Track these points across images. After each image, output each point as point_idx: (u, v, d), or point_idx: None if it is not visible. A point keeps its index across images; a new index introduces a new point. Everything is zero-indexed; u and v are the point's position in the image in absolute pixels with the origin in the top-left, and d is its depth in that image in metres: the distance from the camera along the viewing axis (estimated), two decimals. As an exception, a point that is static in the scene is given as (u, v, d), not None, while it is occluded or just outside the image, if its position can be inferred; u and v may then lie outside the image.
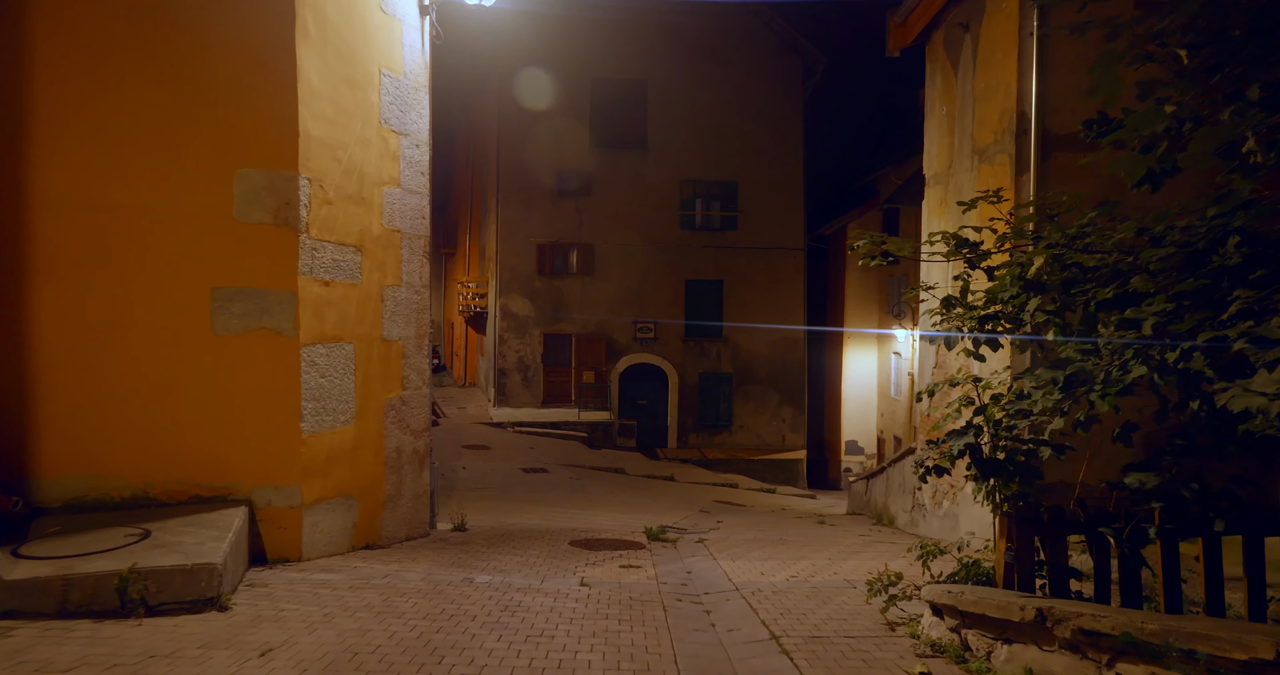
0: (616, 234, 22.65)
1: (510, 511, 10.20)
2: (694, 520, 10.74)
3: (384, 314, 6.56)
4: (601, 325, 22.79)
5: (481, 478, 14.56)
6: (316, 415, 5.85)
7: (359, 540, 6.34)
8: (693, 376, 23.04)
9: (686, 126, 22.89)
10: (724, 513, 12.91)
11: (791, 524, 10.59)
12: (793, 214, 23.27)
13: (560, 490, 13.81)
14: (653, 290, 22.86)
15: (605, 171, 22.70)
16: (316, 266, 5.84)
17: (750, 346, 23.24)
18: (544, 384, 22.76)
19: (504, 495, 12.77)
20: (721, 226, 23.16)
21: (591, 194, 22.64)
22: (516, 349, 22.74)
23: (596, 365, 22.80)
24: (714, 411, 23.12)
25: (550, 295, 22.74)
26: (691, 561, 6.51)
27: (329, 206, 5.95)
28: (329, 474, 5.98)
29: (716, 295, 23.14)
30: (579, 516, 10.12)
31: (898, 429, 25.66)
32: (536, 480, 14.79)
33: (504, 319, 22.70)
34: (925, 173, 8.74)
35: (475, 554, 6.43)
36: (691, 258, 22.96)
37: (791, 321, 23.26)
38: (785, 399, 23.40)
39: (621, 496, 13.82)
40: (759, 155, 23.10)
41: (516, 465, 16.26)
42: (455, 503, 11.00)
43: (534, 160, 22.49)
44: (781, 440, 23.38)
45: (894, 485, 10.31)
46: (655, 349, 22.93)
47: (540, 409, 22.45)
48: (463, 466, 15.57)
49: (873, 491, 12.57)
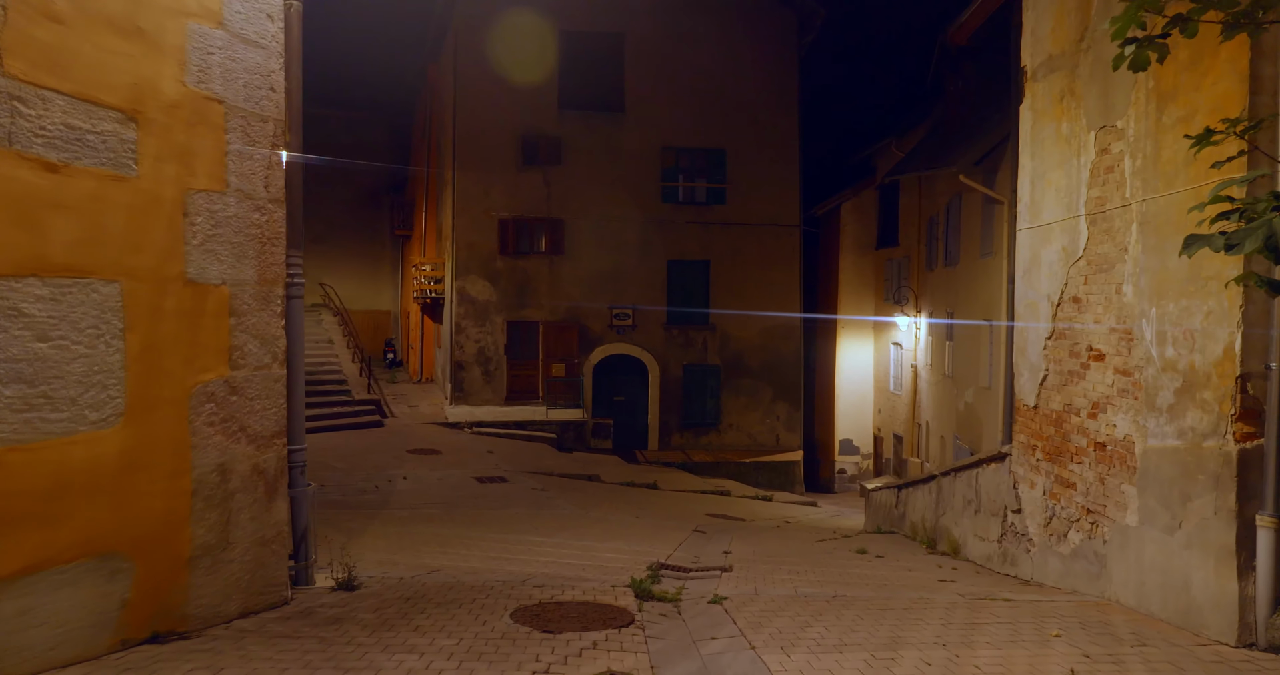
0: (589, 208, 19.97)
1: (446, 544, 7.50)
2: (693, 549, 8.13)
3: (188, 237, 3.84)
4: (573, 311, 20.11)
5: (423, 491, 11.82)
6: (19, 410, 3.14)
7: (134, 628, 3.62)
8: (676, 369, 20.44)
9: (668, 87, 20.28)
10: (725, 532, 10.31)
11: (821, 554, 8.02)
12: (787, 186, 20.75)
13: (519, 506, 11.12)
14: (631, 272, 20.22)
15: (576, 137, 20.01)
16: (20, 133, 3.12)
17: (741, 335, 20.69)
18: (507, 378, 20.03)
19: (446, 515, 10.05)
20: (708, 200, 20.58)
21: (561, 163, 19.94)
22: (476, 339, 19.98)
23: (567, 357, 20.12)
24: (700, 408, 20.54)
25: (514, 277, 20.01)
26: (715, 655, 3.86)
27: (56, 27, 3.24)
28: (56, 519, 3.26)
29: (702, 277, 20.55)
30: (538, 549, 7.45)
31: (897, 426, 23.33)
32: (492, 493, 12.09)
33: (461, 305, 19.93)
34: (1025, 62, 6.20)
35: (341, 655, 3.73)
36: (674, 235, 20.35)
37: (787, 306, 20.75)
38: (779, 394, 20.88)
39: (597, 512, 11.17)
40: (750, 120, 20.55)
41: (470, 473, 13.54)
42: (377, 528, 8.28)
43: (495, 124, 19.75)
44: (775, 440, 20.87)
45: (958, 501, 7.78)
46: (634, 338, 20.29)
47: (503, 407, 19.73)
48: (403, 476, 12.82)
49: (910, 505, 10.03)
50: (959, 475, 7.82)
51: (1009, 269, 13.41)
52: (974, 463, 7.23)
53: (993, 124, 13.89)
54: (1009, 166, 13.72)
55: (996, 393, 13.67)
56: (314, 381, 18.88)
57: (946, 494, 8.25)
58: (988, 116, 14.65)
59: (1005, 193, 13.05)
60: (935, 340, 19.48)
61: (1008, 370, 6.27)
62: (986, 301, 14.66)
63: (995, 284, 13.86)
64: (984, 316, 14.93)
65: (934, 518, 8.73)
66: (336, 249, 30.40)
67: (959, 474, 7.83)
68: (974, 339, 15.73)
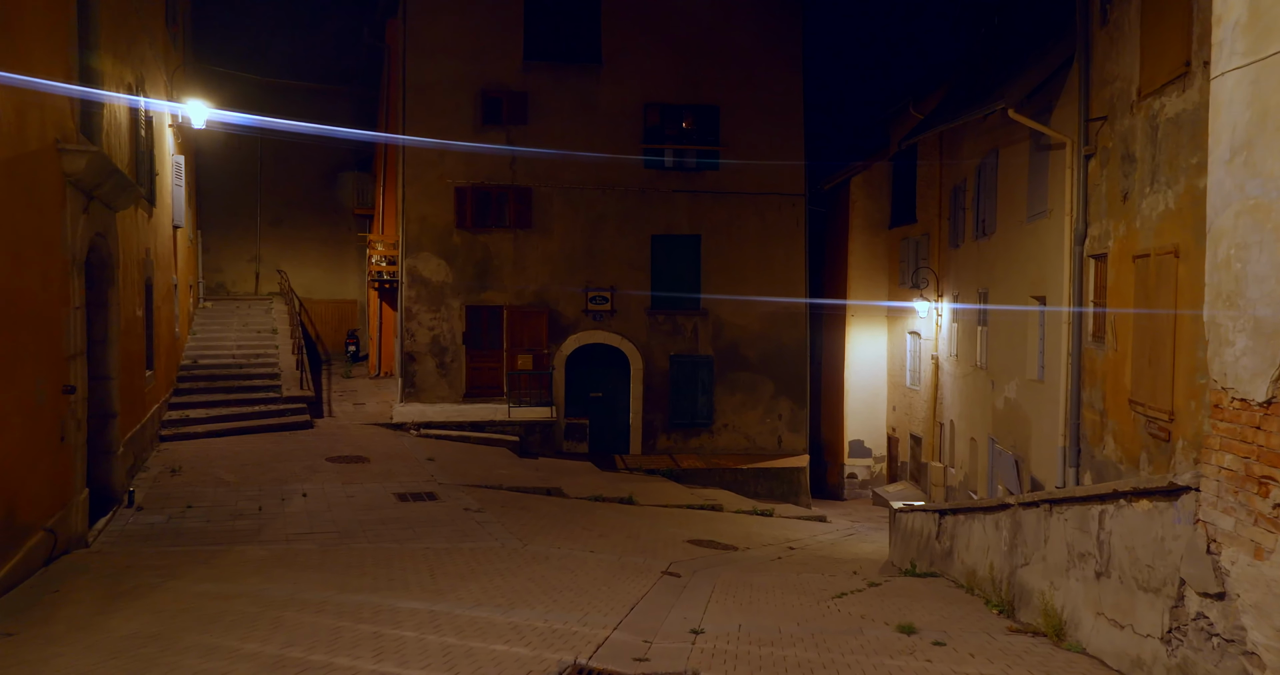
0: (560, 174, 17.22)
1: (241, 625, 4.77)
2: (648, 620, 5.38)
3: None
4: (542, 294, 17.37)
5: (317, 515, 9.08)
6: None
7: None
8: (662, 361, 17.68)
9: (652, 35, 17.51)
10: (707, 574, 7.57)
11: (844, 634, 5.27)
12: (790, 150, 17.95)
13: (434, 537, 8.37)
14: (609, 248, 17.47)
15: (545, 93, 17.26)
16: None
17: (737, 321, 17.91)
18: (466, 372, 17.29)
19: (321, 554, 7.32)
20: (698, 166, 17.80)
21: (527, 122, 17.19)
22: (429, 326, 17.24)
23: (535, 347, 17.37)
24: (690, 406, 17.78)
25: (474, 255, 17.26)
26: None
27: None
28: None
29: (692, 255, 17.78)
30: (385, 640, 4.71)
31: (915, 426, 20.57)
32: (409, 516, 9.34)
33: (412, 287, 17.19)
34: None
35: None
36: (660, 206, 17.59)
37: (790, 288, 17.97)
38: (782, 389, 18.11)
39: (538, 545, 8.42)
40: (746, 74, 17.77)
41: (393, 488, 10.80)
42: (179, 586, 5.56)
43: (451, 77, 17.01)
44: (777, 442, 18.11)
45: (1057, 551, 5.02)
46: (613, 325, 17.54)
47: (461, 405, 16.99)
48: (303, 493, 10.09)
49: (962, 540, 7.27)
50: (1059, 511, 5.05)
51: (1076, 226, 10.64)
52: (1097, 495, 4.45)
53: (1046, 49, 11.11)
54: (1072, 99, 10.97)
55: (1053, 387, 10.91)
56: (238, 376, 16.21)
57: (1032, 535, 5.48)
58: (1039, 42, 11.85)
59: (1068, 130, 10.27)
60: (963, 327, 16.69)
61: (1209, 334, 3.47)
62: (1035, 275, 11.89)
63: (1049, 251, 11.09)
64: (1031, 293, 12.16)
65: (1006, 566, 5.97)
66: (297, 233, 27.64)
67: (1058, 508, 5.06)
68: (1016, 323, 12.95)
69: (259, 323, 20.57)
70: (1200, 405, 6.83)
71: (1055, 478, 10.61)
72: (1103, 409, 9.19)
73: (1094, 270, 9.83)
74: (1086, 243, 9.85)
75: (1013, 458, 12.89)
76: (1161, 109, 7.83)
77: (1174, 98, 7.57)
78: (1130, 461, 8.31)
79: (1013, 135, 13.34)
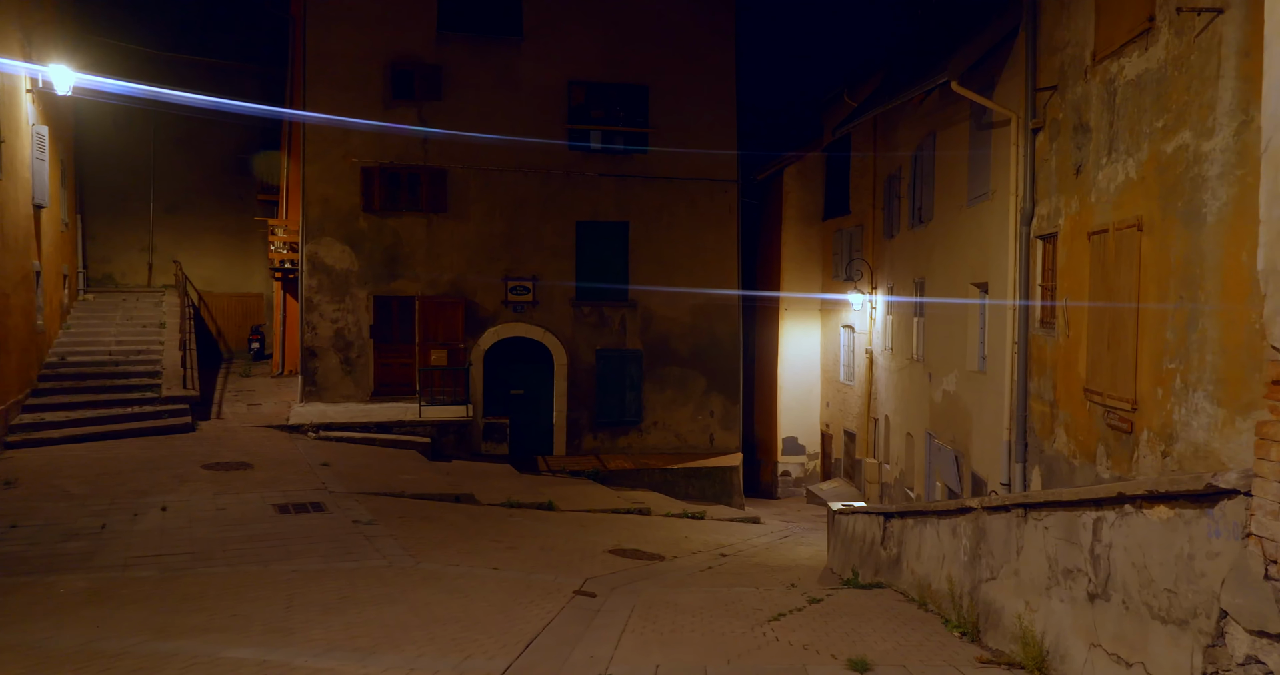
0: (478, 155, 16.00)
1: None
2: (546, 660, 4.35)
3: None
4: (458, 284, 16.12)
5: (172, 533, 7.75)
6: None
7: None
8: (588, 355, 16.64)
9: (579, 8, 16.45)
10: (625, 592, 6.57)
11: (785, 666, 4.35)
12: (723, 133, 17.12)
13: (309, 556, 7.15)
14: (530, 235, 16.34)
15: (461, 67, 16.02)
16: None
17: (667, 313, 16.99)
18: (374, 369, 15.91)
19: (161, 582, 6.04)
20: (626, 148, 16.81)
21: (441, 98, 15.91)
22: (333, 318, 15.81)
23: (451, 341, 16.11)
24: (618, 403, 16.78)
25: (383, 241, 15.90)
26: None
27: None
28: None
29: (620, 243, 16.78)
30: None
31: (849, 421, 20.07)
32: (285, 531, 8.07)
33: (313, 275, 15.72)
34: None
35: None
36: (585, 190, 16.54)
37: (722, 279, 17.14)
38: (714, 385, 17.27)
39: (433, 562, 7.28)
40: (677, 52, 16.86)
41: (274, 498, 9.48)
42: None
43: (357, 47, 15.61)
44: (710, 441, 17.26)
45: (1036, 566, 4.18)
46: (535, 318, 16.42)
47: (368, 404, 15.61)
48: (162, 506, 8.70)
49: (912, 547, 6.46)
50: (1037, 516, 4.20)
51: (1022, 206, 9.99)
52: (1092, 498, 3.59)
53: (989, 23, 10.49)
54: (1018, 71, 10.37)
55: (996, 379, 10.28)
56: (113, 374, 14.51)
57: (1001, 545, 4.64)
58: (982, 17, 11.25)
59: (1012, 104, 9.62)
60: (898, 319, 16.13)
61: (1265, 286, 2.60)
62: (977, 262, 11.28)
63: (992, 235, 10.48)
64: (972, 280, 11.55)
65: (967, 580, 5.13)
66: (197, 221, 25.53)
67: (1036, 514, 4.22)
68: (956, 312, 12.36)
69: (145, 316, 18.72)
70: (1169, 392, 6.16)
71: (1000, 474, 9.98)
72: (1053, 399, 8.54)
73: (1042, 252, 9.20)
74: (1034, 223, 9.22)
75: (953, 453, 12.30)
76: (1120, 72, 7.17)
77: (1135, 58, 6.91)
78: (1085, 455, 7.66)
79: (952, 117, 12.75)
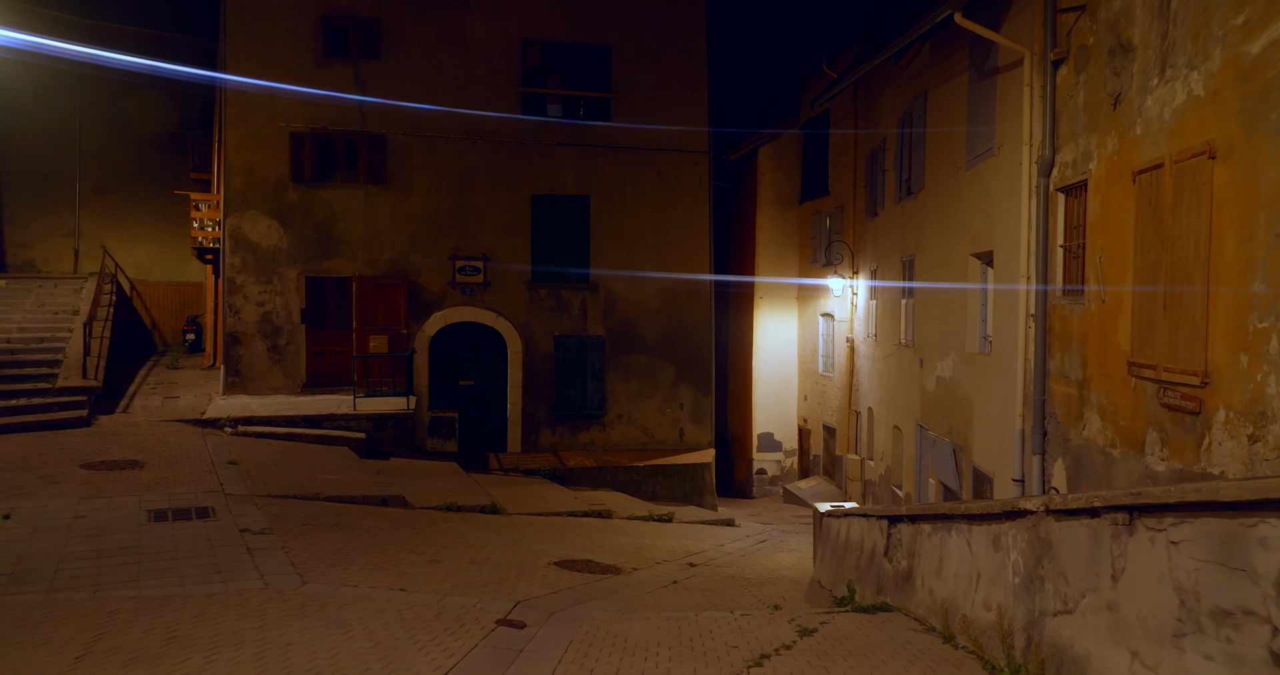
0: (422, 121, 14.42)
1: None
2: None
3: None
4: (401, 263, 14.53)
5: (2, 547, 6.14)
6: None
7: None
8: (545, 342, 15.12)
9: (532, -39, 14.96)
10: (567, 618, 5.09)
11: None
12: (693, 99, 15.70)
13: (165, 578, 5.58)
14: (481, 209, 14.80)
15: (403, 22, 14.43)
16: None
17: (632, 297, 15.53)
18: (306, 357, 14.27)
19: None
20: (587, 115, 15.33)
21: (380, 56, 14.32)
22: (258, 301, 14.14)
23: (392, 326, 14.52)
24: (578, 395, 15.28)
25: (315, 215, 14.27)
26: None
27: None
28: None
29: (580, 218, 15.29)
30: None
31: (829, 416, 18.79)
32: (151, 543, 6.48)
33: (236, 253, 14.05)
34: None
35: None
36: (542, 161, 15.03)
37: (692, 258, 15.72)
38: (684, 376, 15.85)
39: (323, 584, 5.75)
40: (641, 9, 15.42)
41: (153, 503, 7.86)
42: None
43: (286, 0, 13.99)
44: (679, 436, 15.84)
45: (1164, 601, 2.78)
46: (486, 300, 14.88)
47: (298, 397, 13.98)
48: (6, 513, 7.07)
49: (932, 560, 5.07)
50: (1158, 524, 2.79)
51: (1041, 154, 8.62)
52: None
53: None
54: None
55: (1004, 360, 8.96)
56: (7, 364, 12.77)
57: (1082, 566, 3.23)
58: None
59: (1025, 38, 8.30)
60: (883, 303, 14.83)
61: None
62: (979, 229, 9.97)
63: (997, 196, 9.15)
64: (972, 250, 10.24)
65: (1021, 611, 3.72)
66: (128, 204, 23.53)
67: (1155, 520, 2.81)
68: (952, 290, 11.04)
69: (60, 304, 16.93)
70: (1257, 360, 4.82)
71: (1011, 468, 8.66)
72: (1082, 379, 7.21)
73: (1064, 207, 7.88)
74: (1054, 172, 7.89)
75: (950, 446, 10.98)
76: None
77: (1195, -50, 5.58)
78: (1128, 444, 6.33)
79: (946, 72, 11.45)
